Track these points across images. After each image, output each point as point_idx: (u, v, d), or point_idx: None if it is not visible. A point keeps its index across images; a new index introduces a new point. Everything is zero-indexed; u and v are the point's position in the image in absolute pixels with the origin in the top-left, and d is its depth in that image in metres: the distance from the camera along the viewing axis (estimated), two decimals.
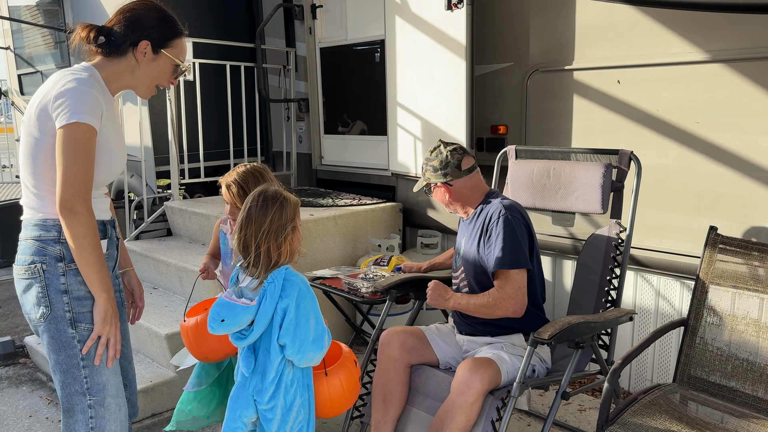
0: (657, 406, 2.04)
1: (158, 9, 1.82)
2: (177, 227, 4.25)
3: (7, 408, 3.13)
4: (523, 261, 2.17)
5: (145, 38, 1.77)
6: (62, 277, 1.71)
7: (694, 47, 2.82)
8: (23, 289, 1.74)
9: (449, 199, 2.37)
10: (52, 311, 1.70)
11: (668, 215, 2.98)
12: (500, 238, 2.18)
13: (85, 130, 1.63)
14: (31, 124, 1.69)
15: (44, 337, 1.74)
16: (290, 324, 1.74)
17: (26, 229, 1.75)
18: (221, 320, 1.73)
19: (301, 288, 1.77)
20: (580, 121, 3.26)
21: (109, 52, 1.76)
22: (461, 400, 2.03)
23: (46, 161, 1.67)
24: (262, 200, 1.81)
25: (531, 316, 2.30)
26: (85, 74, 1.70)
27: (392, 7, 3.89)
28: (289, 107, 4.97)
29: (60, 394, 1.77)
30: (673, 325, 2.29)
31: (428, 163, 2.38)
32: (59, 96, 1.63)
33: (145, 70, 1.80)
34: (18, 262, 1.74)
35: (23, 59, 6.96)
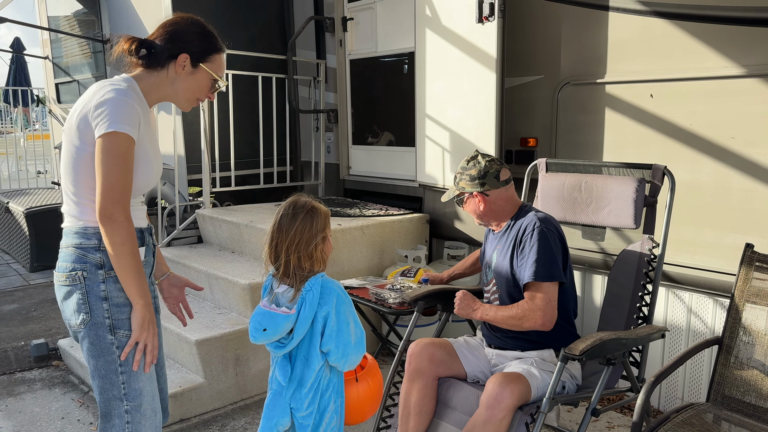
0: (690, 425, 2.00)
1: (199, 24, 1.86)
2: (208, 235, 4.31)
3: (40, 409, 3.20)
4: (556, 274, 2.16)
5: (185, 51, 1.81)
6: (102, 284, 1.74)
7: (729, 61, 2.78)
8: (64, 295, 1.77)
9: (483, 209, 2.36)
10: (92, 318, 1.74)
11: (701, 231, 2.93)
12: (534, 250, 2.17)
13: (123, 140, 1.67)
14: (72, 133, 1.73)
15: (84, 343, 1.77)
16: (332, 330, 1.78)
17: (67, 237, 1.79)
18: (263, 330, 1.76)
19: (339, 294, 1.81)
20: (611, 135, 3.24)
21: (149, 63, 1.81)
22: (490, 415, 2.02)
23: (87, 170, 1.72)
24: (292, 210, 1.85)
25: (561, 331, 2.28)
26: (124, 85, 1.74)
27: (423, 19, 3.92)
28: (318, 118, 5.02)
29: (98, 399, 1.80)
30: (707, 344, 2.25)
31: (465, 172, 2.37)
32: (99, 105, 1.68)
33: (183, 83, 1.85)
34: (59, 269, 1.78)
35: (61, 68, 7.16)
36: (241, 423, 3.07)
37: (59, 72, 7.21)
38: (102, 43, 5.98)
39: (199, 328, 3.26)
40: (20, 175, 9.96)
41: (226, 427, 3.04)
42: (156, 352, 1.81)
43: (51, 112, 7.60)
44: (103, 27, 5.96)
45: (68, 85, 7.06)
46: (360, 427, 2.98)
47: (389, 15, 4.40)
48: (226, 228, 4.09)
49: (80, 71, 6.68)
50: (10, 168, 10.12)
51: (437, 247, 4.23)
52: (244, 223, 3.89)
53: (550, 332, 2.23)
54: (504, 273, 2.30)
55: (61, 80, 7.21)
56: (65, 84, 7.14)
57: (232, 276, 3.48)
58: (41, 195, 6.62)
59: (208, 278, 3.65)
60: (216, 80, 1.89)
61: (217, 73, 1.88)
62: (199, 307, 3.65)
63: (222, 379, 3.20)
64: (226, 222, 4.07)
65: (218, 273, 3.57)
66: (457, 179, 2.42)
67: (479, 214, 2.40)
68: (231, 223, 4.01)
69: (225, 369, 3.21)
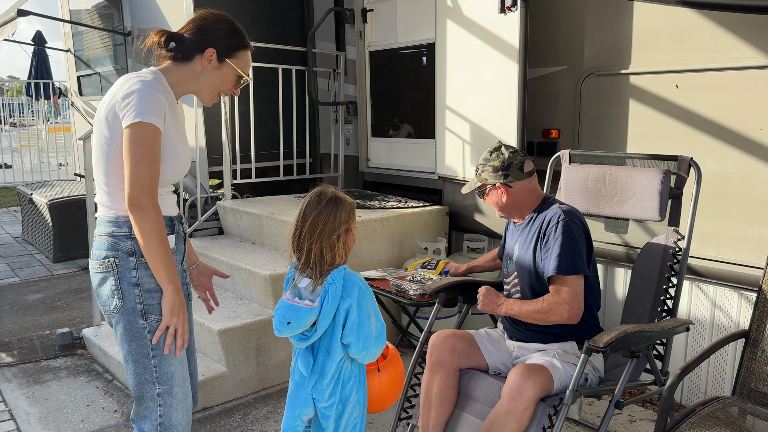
0: (715, 419, 1.99)
1: (228, 21, 1.90)
2: (229, 226, 4.34)
3: (65, 397, 3.26)
4: (581, 267, 2.15)
5: (212, 46, 1.85)
6: (134, 270, 1.79)
7: (757, 51, 2.74)
8: (98, 282, 1.83)
9: (506, 201, 2.34)
10: (124, 303, 1.79)
11: (727, 224, 2.90)
12: (558, 243, 2.16)
13: (149, 130, 1.71)
14: (102, 125, 1.78)
15: (118, 328, 1.82)
16: (354, 323, 1.78)
17: (100, 226, 1.84)
18: (287, 323, 1.78)
19: (361, 287, 1.81)
20: (635, 126, 3.20)
21: (176, 56, 1.86)
22: (512, 406, 2.02)
23: (116, 160, 1.77)
24: (317, 200, 1.85)
25: (584, 323, 2.27)
26: (150, 77, 1.79)
27: (443, 10, 3.90)
28: (337, 110, 5.03)
29: (132, 382, 1.85)
30: (733, 337, 2.22)
31: (487, 164, 2.35)
32: (125, 96, 1.73)
33: (209, 77, 1.89)
34: (93, 257, 1.84)
35: (82, 61, 7.22)
36: (263, 412, 3.10)
37: (81, 65, 7.28)
38: (123, 35, 6.02)
39: (222, 318, 3.29)
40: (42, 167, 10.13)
41: (248, 415, 3.07)
42: (187, 336, 1.84)
43: (73, 104, 7.69)
44: (124, 20, 6.00)
45: (90, 78, 7.13)
46: (381, 416, 2.99)
47: (409, 6, 4.38)
48: (246, 219, 4.11)
49: (101, 64, 6.74)
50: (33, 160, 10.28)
51: (457, 239, 4.22)
52: (265, 215, 3.91)
53: (572, 325, 2.21)
54: (526, 265, 2.29)
55: (82, 73, 7.28)
56: (87, 77, 7.21)
57: (254, 267, 3.50)
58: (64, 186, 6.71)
59: (230, 269, 3.68)
60: (241, 76, 1.92)
61: (242, 69, 1.92)
62: (221, 298, 3.68)
63: (244, 369, 3.23)
64: (246, 213, 4.09)
65: (239, 264, 3.60)
66: (479, 171, 2.40)
67: (501, 206, 2.37)
68: (252, 214, 4.04)
69: (247, 358, 3.24)
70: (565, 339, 2.30)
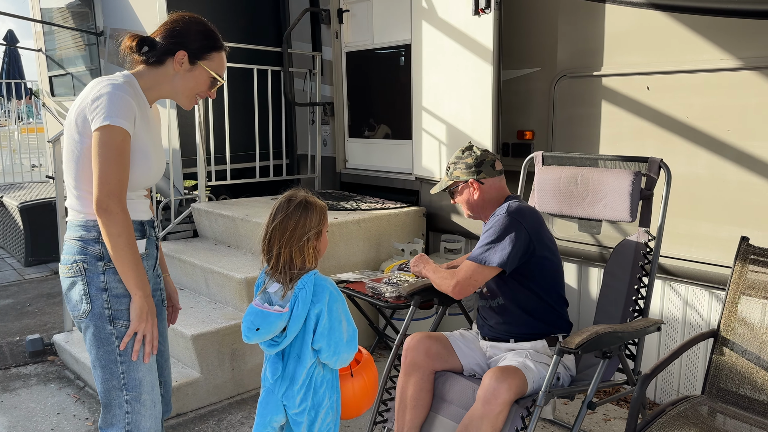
0: (685, 418, 2.01)
1: (200, 23, 1.89)
2: (203, 229, 4.30)
3: (35, 405, 3.19)
4: (488, 260, 2.21)
5: (183, 48, 1.84)
6: (102, 275, 1.77)
7: (726, 54, 2.78)
8: (68, 286, 1.81)
9: (477, 198, 2.38)
10: (92, 308, 1.76)
11: (698, 224, 2.94)
12: (485, 233, 2.26)
13: (118, 133, 1.70)
14: (72, 128, 1.77)
15: (87, 334, 1.80)
16: (325, 328, 1.77)
17: (70, 230, 1.82)
18: (256, 329, 1.76)
19: (331, 292, 1.79)
20: (608, 128, 3.23)
21: (149, 60, 1.85)
22: (487, 410, 2.02)
23: (85, 163, 1.75)
24: (286, 204, 1.84)
25: (550, 314, 2.33)
26: (121, 80, 1.77)
27: (419, 11, 3.90)
28: (314, 111, 5.00)
29: (99, 389, 1.82)
30: (702, 337, 2.25)
31: (460, 161, 2.41)
32: (95, 99, 1.71)
33: (182, 80, 1.87)
34: (62, 261, 1.82)
35: (54, 61, 7.10)
36: (237, 417, 3.07)
37: (52, 65, 7.16)
38: (96, 35, 5.93)
39: (195, 323, 3.25)
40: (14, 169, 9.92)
41: (223, 421, 3.03)
42: (155, 342, 1.82)
43: (45, 105, 7.56)
44: (97, 19, 5.91)
45: (62, 78, 7.01)
46: (356, 422, 2.98)
47: (385, 7, 4.37)
48: (221, 222, 4.07)
49: (74, 64, 6.63)
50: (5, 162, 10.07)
51: (434, 240, 4.22)
52: (240, 217, 3.87)
53: (541, 316, 2.30)
54: None
55: (54, 73, 7.16)
56: (59, 77, 7.09)
57: (228, 270, 3.47)
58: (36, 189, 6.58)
59: (204, 273, 3.64)
60: (215, 78, 1.90)
61: (216, 71, 1.90)
62: (195, 302, 3.64)
63: (218, 374, 3.20)
64: (221, 216, 4.05)
65: (214, 267, 3.56)
66: (450, 170, 2.44)
67: (472, 203, 2.41)
68: (227, 217, 4.00)
69: (221, 363, 3.20)
70: (535, 336, 2.32)
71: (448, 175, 2.44)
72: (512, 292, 2.31)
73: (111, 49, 5.73)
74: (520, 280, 2.29)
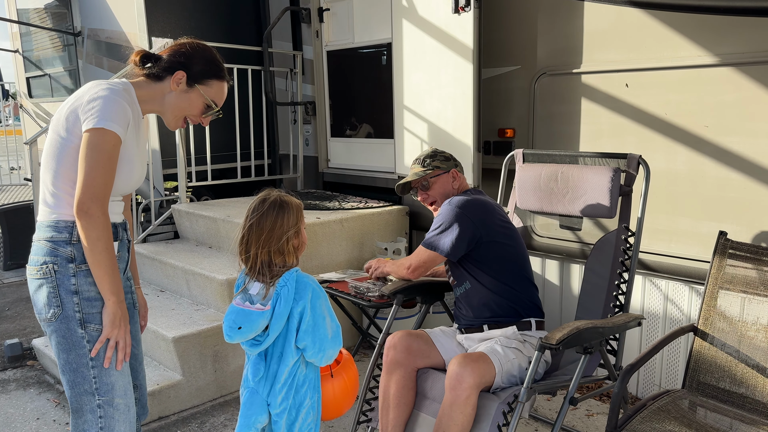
0: (666, 412, 2.02)
1: (207, 50, 1.92)
2: (184, 230, 4.25)
3: (14, 410, 3.14)
4: (436, 245, 2.36)
5: (183, 69, 1.86)
6: (73, 278, 1.73)
7: (702, 50, 2.80)
8: (35, 288, 1.76)
9: (456, 187, 2.52)
10: (63, 311, 1.73)
11: (677, 219, 2.96)
12: (435, 221, 2.39)
13: (110, 137, 1.69)
14: (59, 125, 1.74)
15: (54, 337, 1.75)
16: (309, 326, 1.75)
17: (39, 230, 1.78)
18: (238, 328, 1.74)
19: (314, 288, 1.78)
20: (588, 125, 3.25)
21: (149, 74, 1.87)
22: (454, 396, 2.05)
23: (68, 161, 1.72)
24: (261, 206, 1.83)
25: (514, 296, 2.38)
26: (120, 87, 1.78)
27: (399, 10, 3.89)
28: (295, 110, 4.98)
29: (69, 393, 1.78)
30: (681, 331, 2.27)
31: (438, 155, 2.55)
32: (91, 100, 1.70)
33: (175, 99, 1.88)
34: (31, 263, 1.77)
35: (31, 62, 7.00)
36: (220, 419, 3.04)
37: (30, 66, 7.06)
38: (73, 36, 5.86)
39: (176, 325, 3.22)
40: None
41: (206, 423, 3.01)
42: (128, 349, 1.79)
43: (22, 107, 7.45)
44: (74, 20, 5.83)
45: (40, 79, 6.91)
46: (340, 422, 2.97)
47: (366, 5, 4.36)
48: (202, 223, 4.04)
49: (52, 65, 6.54)
50: None
51: (417, 238, 4.22)
52: (221, 218, 3.84)
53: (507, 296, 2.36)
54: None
55: (32, 74, 7.06)
56: (36, 78, 6.99)
57: (210, 272, 3.44)
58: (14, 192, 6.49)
59: (185, 274, 3.60)
60: (210, 105, 1.91)
61: (212, 98, 1.91)
62: (176, 304, 3.61)
63: (200, 376, 3.17)
64: (202, 217, 4.02)
65: (195, 269, 3.52)
66: (426, 162, 2.54)
67: (448, 193, 2.51)
68: (208, 218, 3.97)
69: (203, 365, 3.18)
70: (505, 319, 2.37)
71: (425, 165, 2.52)
72: (474, 277, 2.40)
73: (89, 49, 5.66)
74: (478, 266, 2.38)
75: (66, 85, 6.31)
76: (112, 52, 5.22)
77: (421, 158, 2.56)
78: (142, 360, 2.05)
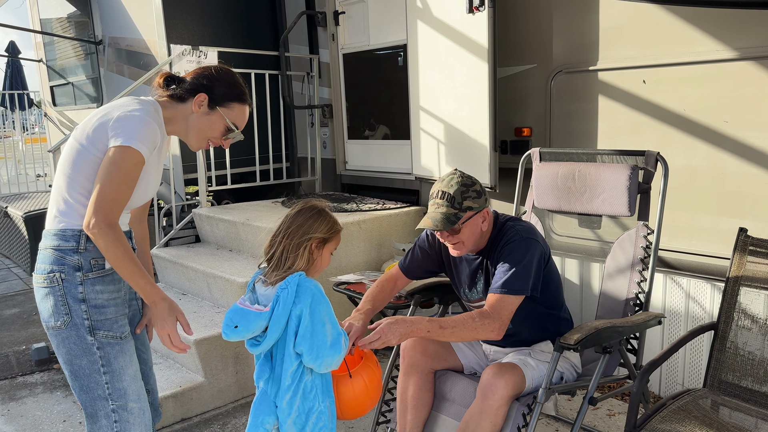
0: (686, 411, 2.00)
1: (230, 74, 1.96)
2: (205, 234, 4.31)
3: (42, 413, 3.21)
4: (525, 287, 2.04)
5: (206, 92, 1.90)
6: (80, 286, 1.76)
7: (721, 45, 2.76)
8: (42, 297, 1.79)
9: (486, 228, 2.17)
10: (71, 319, 1.75)
11: (697, 216, 2.92)
12: (510, 260, 2.06)
13: (134, 156, 1.72)
14: (83, 134, 1.77)
15: (64, 344, 1.78)
16: (306, 331, 1.74)
17: (46, 239, 1.80)
18: (234, 326, 1.76)
19: (314, 293, 1.77)
20: (605, 122, 3.22)
21: (173, 96, 1.91)
22: (486, 405, 2.02)
23: (85, 171, 1.75)
24: (302, 205, 1.91)
25: (558, 322, 2.30)
26: (151, 108, 1.82)
27: (414, 11, 3.90)
28: (313, 113, 5.01)
29: (82, 399, 1.81)
30: (702, 329, 2.24)
31: (469, 189, 2.09)
32: (123, 118, 1.74)
33: (197, 120, 1.91)
34: (37, 271, 1.80)
35: (55, 71, 7.14)
36: (242, 421, 3.08)
37: (53, 75, 7.20)
38: (95, 44, 5.97)
39: (198, 328, 3.26)
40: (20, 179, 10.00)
41: (228, 425, 3.05)
42: (176, 341, 1.83)
43: (47, 115, 7.60)
44: (95, 28, 5.94)
45: (63, 88, 7.06)
46: (359, 422, 2.99)
47: (381, 8, 4.38)
48: (223, 227, 4.08)
49: (74, 73, 6.67)
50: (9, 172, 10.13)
51: None
52: (241, 221, 3.89)
53: (548, 326, 2.24)
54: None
55: (55, 83, 7.20)
56: (60, 87, 7.13)
57: (230, 275, 3.48)
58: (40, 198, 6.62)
59: (206, 277, 3.65)
60: (231, 128, 1.95)
61: (233, 121, 1.94)
62: (198, 307, 3.66)
63: (222, 378, 3.21)
64: (222, 221, 4.07)
65: (216, 272, 3.57)
66: (457, 199, 2.07)
67: (476, 235, 2.14)
68: (228, 221, 4.01)
69: (225, 367, 3.22)
70: (541, 341, 2.31)
71: (456, 206, 2.07)
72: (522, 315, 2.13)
73: (110, 57, 5.76)
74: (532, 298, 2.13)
75: (88, 93, 6.43)
76: (132, 60, 5.31)
77: (450, 195, 2.08)
78: (152, 365, 2.08)
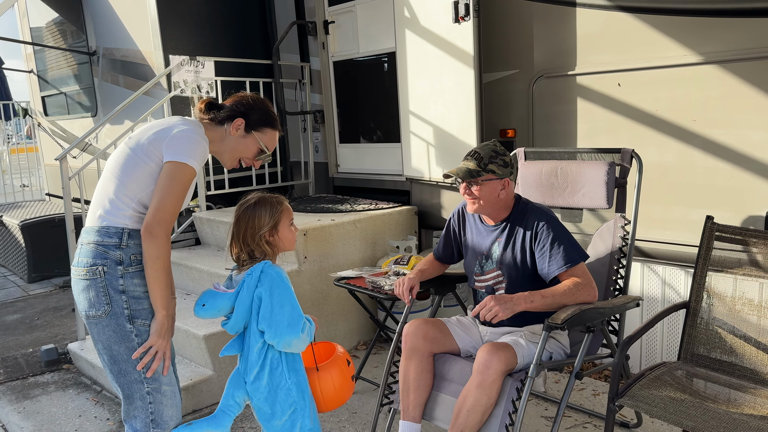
0: (662, 380, 2.23)
1: (264, 103, 2.19)
2: (205, 236, 4.48)
3: (57, 409, 3.36)
4: (583, 253, 2.38)
5: (243, 117, 2.13)
6: (120, 278, 1.95)
7: (688, 50, 3.01)
8: (82, 288, 1.96)
9: (503, 197, 2.43)
10: (113, 308, 1.94)
11: (670, 208, 3.17)
12: (559, 238, 2.36)
13: (189, 172, 1.95)
14: (138, 145, 1.98)
15: (104, 332, 1.95)
16: (266, 310, 1.96)
17: (89, 234, 1.98)
18: (202, 305, 2.00)
19: (274, 278, 1.98)
20: (584, 123, 3.46)
21: (212, 119, 2.14)
22: (482, 379, 2.23)
23: (137, 176, 1.95)
24: (238, 209, 2.11)
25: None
26: (200, 128, 2.06)
27: (402, 20, 4.11)
28: (305, 119, 5.20)
29: (120, 382, 2.00)
30: (675, 307, 2.48)
31: (498, 156, 2.40)
32: (179, 135, 1.96)
33: (233, 142, 2.15)
34: (78, 264, 1.97)
35: (46, 81, 7.21)
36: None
37: (44, 84, 7.26)
38: (87, 54, 6.07)
39: (206, 324, 3.43)
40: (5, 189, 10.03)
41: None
42: (168, 362, 2.02)
43: (40, 125, 7.66)
44: (89, 38, 6.04)
45: (55, 98, 7.12)
46: (364, 405, 3.17)
47: (369, 17, 4.58)
48: (223, 228, 4.25)
49: (66, 83, 6.75)
50: None
51: (426, 236, 4.43)
52: None
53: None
54: (512, 263, 2.45)
55: (47, 93, 7.26)
56: (51, 96, 7.19)
57: None
58: (34, 207, 6.72)
59: (210, 277, 3.82)
60: (263, 150, 2.17)
61: (265, 144, 2.17)
62: None
63: (230, 370, 3.36)
64: (223, 223, 4.24)
65: (220, 272, 3.74)
66: (484, 161, 2.38)
67: (493, 200, 2.41)
68: (227, 223, 4.14)
69: (233, 360, 3.39)
70: (534, 322, 2.52)
71: (481, 165, 2.37)
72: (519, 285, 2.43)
73: (104, 68, 5.88)
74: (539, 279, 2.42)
75: (82, 102, 6.52)
76: (127, 70, 5.45)
77: (480, 155, 2.40)
78: (176, 362, 2.27)
